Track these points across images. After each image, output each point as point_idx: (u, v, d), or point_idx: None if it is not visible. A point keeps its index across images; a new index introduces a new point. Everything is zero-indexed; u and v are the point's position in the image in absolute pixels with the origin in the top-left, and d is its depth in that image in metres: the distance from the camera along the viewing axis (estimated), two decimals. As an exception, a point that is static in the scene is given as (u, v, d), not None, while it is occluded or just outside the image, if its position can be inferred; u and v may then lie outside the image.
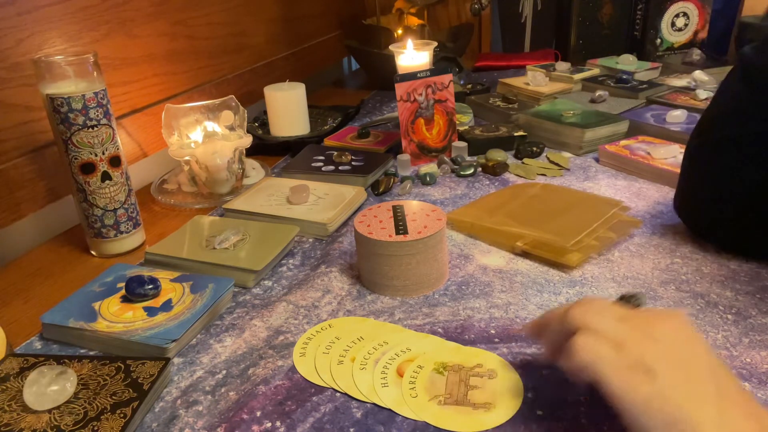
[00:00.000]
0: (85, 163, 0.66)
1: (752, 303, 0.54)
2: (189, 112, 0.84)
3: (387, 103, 1.27)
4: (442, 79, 0.90)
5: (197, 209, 0.83)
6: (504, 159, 0.88)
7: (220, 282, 0.59)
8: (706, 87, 1.09)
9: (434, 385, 0.46)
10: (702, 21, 1.38)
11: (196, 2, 1.03)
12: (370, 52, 1.38)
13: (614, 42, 1.41)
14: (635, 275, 0.60)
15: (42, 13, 0.75)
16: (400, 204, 0.64)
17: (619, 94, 1.11)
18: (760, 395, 0.44)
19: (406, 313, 0.56)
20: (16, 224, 0.74)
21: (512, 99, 1.10)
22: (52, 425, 0.43)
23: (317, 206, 0.75)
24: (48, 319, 0.55)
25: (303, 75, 1.34)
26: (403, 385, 0.46)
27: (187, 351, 0.53)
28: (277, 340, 0.54)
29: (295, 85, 1.05)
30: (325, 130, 1.07)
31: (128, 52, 0.89)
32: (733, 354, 0.48)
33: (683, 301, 0.55)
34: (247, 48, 1.19)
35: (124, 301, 0.57)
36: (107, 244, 0.71)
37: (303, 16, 1.41)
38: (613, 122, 0.93)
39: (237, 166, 0.84)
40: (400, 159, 0.88)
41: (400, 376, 0.47)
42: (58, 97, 0.63)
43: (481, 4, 1.44)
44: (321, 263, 0.66)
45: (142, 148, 0.93)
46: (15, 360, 0.50)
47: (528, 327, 0.47)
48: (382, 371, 0.48)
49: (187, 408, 0.46)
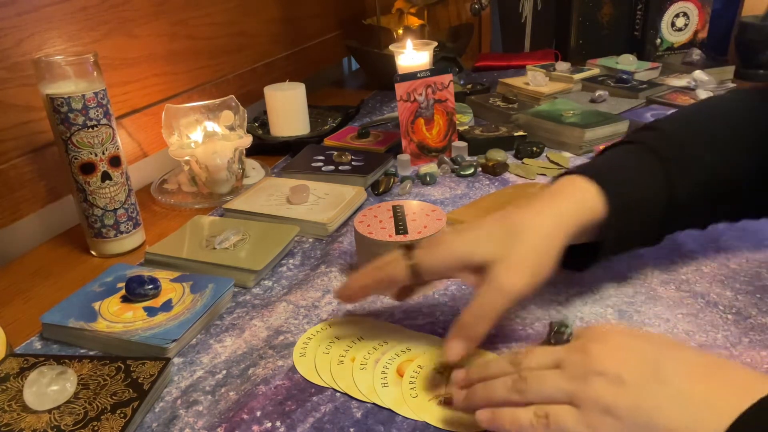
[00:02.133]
0: (85, 163, 0.66)
1: (752, 303, 0.54)
2: (189, 112, 0.84)
3: (387, 103, 1.27)
4: (442, 79, 0.90)
5: (197, 209, 0.83)
6: (504, 159, 0.88)
7: (220, 282, 0.59)
8: (706, 87, 1.09)
9: (435, 385, 0.46)
10: (702, 21, 1.38)
11: (196, 2, 1.03)
12: (370, 52, 1.38)
13: (614, 42, 1.41)
14: (635, 275, 0.60)
15: (42, 13, 0.75)
16: (400, 204, 0.64)
17: (619, 94, 1.11)
18: (760, 395, 0.44)
19: (406, 313, 0.56)
20: (16, 224, 0.74)
21: (512, 99, 1.09)
22: (52, 425, 0.43)
23: (317, 206, 0.75)
24: (48, 319, 0.55)
25: (303, 75, 1.34)
26: (403, 384, 0.47)
27: (187, 351, 0.53)
28: (277, 340, 0.54)
29: (295, 85, 1.05)
30: (325, 130, 1.07)
31: (128, 52, 0.89)
32: (733, 354, 0.48)
33: (683, 301, 0.55)
34: (247, 48, 1.19)
35: (124, 301, 0.57)
36: (107, 244, 0.71)
37: (303, 16, 1.41)
38: (613, 122, 0.93)
39: (237, 166, 0.84)
40: (400, 159, 0.88)
41: (401, 376, 0.47)
42: (58, 97, 0.63)
43: (481, 4, 1.44)
44: (321, 263, 0.66)
45: (142, 148, 0.93)
46: (15, 360, 0.50)
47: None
48: (382, 371, 0.48)
49: (187, 408, 0.46)
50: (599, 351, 0.37)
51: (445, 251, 0.47)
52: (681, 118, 0.59)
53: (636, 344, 0.38)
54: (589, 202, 0.49)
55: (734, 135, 0.56)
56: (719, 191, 0.54)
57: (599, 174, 0.51)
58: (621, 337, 0.39)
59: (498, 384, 0.40)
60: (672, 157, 0.53)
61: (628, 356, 0.37)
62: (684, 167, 0.53)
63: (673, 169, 0.52)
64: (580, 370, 0.37)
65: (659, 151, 0.53)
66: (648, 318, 0.53)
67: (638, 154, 0.54)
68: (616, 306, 0.55)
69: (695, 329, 0.51)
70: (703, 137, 0.55)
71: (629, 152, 0.55)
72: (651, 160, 0.53)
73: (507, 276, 0.45)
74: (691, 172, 0.53)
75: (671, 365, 0.36)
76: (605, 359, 0.37)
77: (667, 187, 0.52)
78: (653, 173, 0.52)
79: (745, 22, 1.28)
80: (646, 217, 0.52)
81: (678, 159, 0.53)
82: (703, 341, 0.50)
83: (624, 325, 0.53)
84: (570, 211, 0.48)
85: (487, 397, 0.40)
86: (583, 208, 0.49)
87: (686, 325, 0.52)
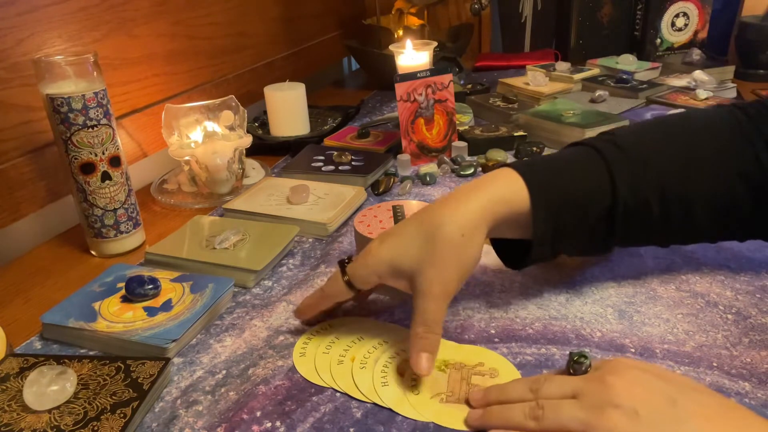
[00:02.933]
0: (85, 163, 0.66)
1: (752, 303, 0.54)
2: (189, 112, 0.84)
3: (387, 103, 1.27)
4: (442, 79, 0.90)
5: (197, 209, 0.83)
6: (504, 159, 0.88)
7: (220, 282, 0.59)
8: (706, 87, 1.09)
9: (436, 382, 0.46)
10: (702, 21, 1.38)
11: (196, 2, 1.03)
12: (370, 52, 1.38)
13: (614, 42, 1.41)
14: (635, 275, 0.60)
15: (42, 13, 0.75)
16: (400, 204, 0.64)
17: (619, 94, 1.11)
18: (760, 395, 0.44)
19: (406, 313, 0.56)
20: (16, 224, 0.74)
21: (512, 99, 1.09)
22: (52, 425, 0.43)
23: (317, 206, 0.75)
24: (48, 319, 0.55)
25: (303, 75, 1.34)
26: (404, 383, 0.47)
27: (187, 351, 0.53)
28: (277, 340, 0.54)
29: (295, 85, 1.05)
30: (325, 130, 1.07)
31: (128, 52, 0.89)
32: (733, 354, 0.48)
33: (683, 301, 0.55)
34: (247, 48, 1.19)
35: (124, 301, 0.57)
36: (107, 244, 0.71)
37: (303, 16, 1.41)
38: (613, 122, 0.93)
39: (237, 166, 0.84)
40: (400, 159, 0.88)
41: (401, 375, 0.47)
42: (58, 97, 0.63)
43: (481, 4, 1.44)
44: (321, 263, 0.66)
45: (142, 148, 0.93)
46: (15, 360, 0.50)
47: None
48: (382, 370, 0.48)
49: (187, 408, 0.46)
50: (617, 384, 0.38)
51: (373, 262, 0.49)
52: (637, 127, 0.57)
53: (654, 381, 0.38)
54: (510, 194, 0.49)
55: (694, 146, 0.52)
56: (676, 204, 0.51)
57: (528, 166, 0.51)
58: (640, 372, 0.39)
59: (516, 409, 0.40)
60: (617, 158, 0.51)
61: (645, 392, 0.37)
62: (631, 171, 0.50)
63: (617, 169, 0.50)
64: (597, 401, 0.37)
65: (603, 151, 0.51)
66: (648, 318, 0.53)
67: (583, 153, 0.53)
68: (616, 306, 0.55)
69: (695, 329, 0.51)
70: (658, 145, 0.52)
71: (575, 152, 0.54)
72: (595, 159, 0.51)
73: (431, 284, 0.46)
74: (639, 177, 0.50)
75: (688, 405, 0.36)
76: (622, 392, 0.37)
77: (611, 188, 0.50)
78: (595, 171, 0.51)
79: (745, 22, 1.28)
80: (584, 215, 0.50)
81: (624, 161, 0.51)
82: (703, 341, 0.50)
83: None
84: (489, 202, 0.48)
85: (504, 420, 0.40)
86: (502, 200, 0.49)
87: (686, 325, 0.52)
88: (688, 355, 0.48)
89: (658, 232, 0.54)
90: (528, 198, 0.49)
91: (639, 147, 0.52)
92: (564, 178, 0.51)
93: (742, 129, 0.52)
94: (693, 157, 0.52)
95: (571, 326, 0.53)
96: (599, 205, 0.50)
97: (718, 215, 0.52)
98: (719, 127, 0.53)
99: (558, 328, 0.53)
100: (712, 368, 0.47)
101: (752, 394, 0.44)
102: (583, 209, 0.50)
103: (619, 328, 0.52)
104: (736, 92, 1.10)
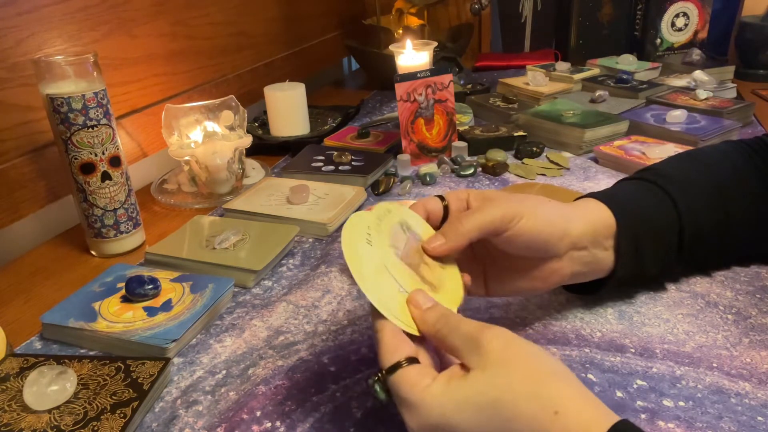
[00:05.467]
0: (85, 163, 0.66)
1: (752, 303, 0.54)
2: (189, 112, 0.84)
3: (387, 103, 1.27)
4: (442, 79, 0.90)
5: (197, 209, 0.83)
6: (504, 159, 0.88)
7: (220, 282, 0.59)
8: (706, 87, 1.09)
9: (396, 236, 0.44)
10: (702, 21, 1.38)
11: (196, 2, 1.03)
12: (370, 52, 1.38)
13: (614, 42, 1.41)
14: (635, 275, 0.60)
15: (42, 13, 0.75)
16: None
17: (619, 94, 1.11)
18: (761, 395, 0.44)
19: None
20: (16, 224, 0.74)
21: (512, 99, 1.09)
22: (52, 425, 0.43)
23: (317, 206, 0.75)
24: (48, 319, 0.55)
25: (303, 75, 1.34)
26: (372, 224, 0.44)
27: (187, 351, 0.53)
28: (277, 340, 0.54)
29: (295, 85, 1.05)
30: (325, 130, 1.07)
31: (128, 52, 0.89)
32: (733, 354, 0.48)
33: (683, 301, 0.55)
34: (247, 48, 1.19)
35: (124, 301, 0.57)
36: (107, 244, 0.71)
37: (303, 16, 1.41)
38: (613, 122, 0.93)
39: (237, 166, 0.84)
40: (400, 159, 0.88)
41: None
42: (58, 97, 0.63)
43: (481, 4, 1.44)
44: (321, 263, 0.66)
45: (142, 148, 0.93)
46: (15, 360, 0.50)
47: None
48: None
49: (187, 408, 0.46)
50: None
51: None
52: (674, 160, 0.60)
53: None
54: (601, 213, 0.51)
55: (730, 177, 0.56)
56: (726, 228, 0.54)
57: (604, 195, 0.53)
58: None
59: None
60: (673, 189, 0.54)
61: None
62: (688, 199, 0.53)
63: (678, 197, 0.53)
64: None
65: (657, 181, 0.54)
66: (648, 318, 0.53)
67: (638, 184, 0.56)
68: (616, 306, 0.55)
69: (695, 329, 0.51)
70: (694, 174, 0.56)
71: (629, 184, 0.57)
72: (654, 188, 0.54)
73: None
74: (696, 203, 0.54)
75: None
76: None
77: (677, 213, 0.53)
78: (659, 199, 0.53)
79: (745, 22, 1.28)
80: (659, 237, 0.52)
81: (678, 189, 0.54)
82: (703, 341, 0.50)
83: (624, 326, 0.53)
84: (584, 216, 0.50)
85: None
86: (597, 218, 0.51)
87: (686, 325, 0.52)
88: (688, 355, 0.48)
89: (713, 259, 0.58)
90: (612, 219, 0.51)
91: (681, 173, 0.56)
92: (633, 203, 0.53)
93: (754, 160, 0.57)
94: (720, 185, 0.55)
95: (571, 326, 0.53)
96: (669, 230, 0.53)
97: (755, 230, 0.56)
98: (734, 156, 0.58)
99: (558, 328, 0.53)
100: (712, 368, 0.47)
101: (752, 395, 0.44)
102: (657, 231, 0.52)
103: (619, 329, 0.52)
104: (736, 92, 1.10)
